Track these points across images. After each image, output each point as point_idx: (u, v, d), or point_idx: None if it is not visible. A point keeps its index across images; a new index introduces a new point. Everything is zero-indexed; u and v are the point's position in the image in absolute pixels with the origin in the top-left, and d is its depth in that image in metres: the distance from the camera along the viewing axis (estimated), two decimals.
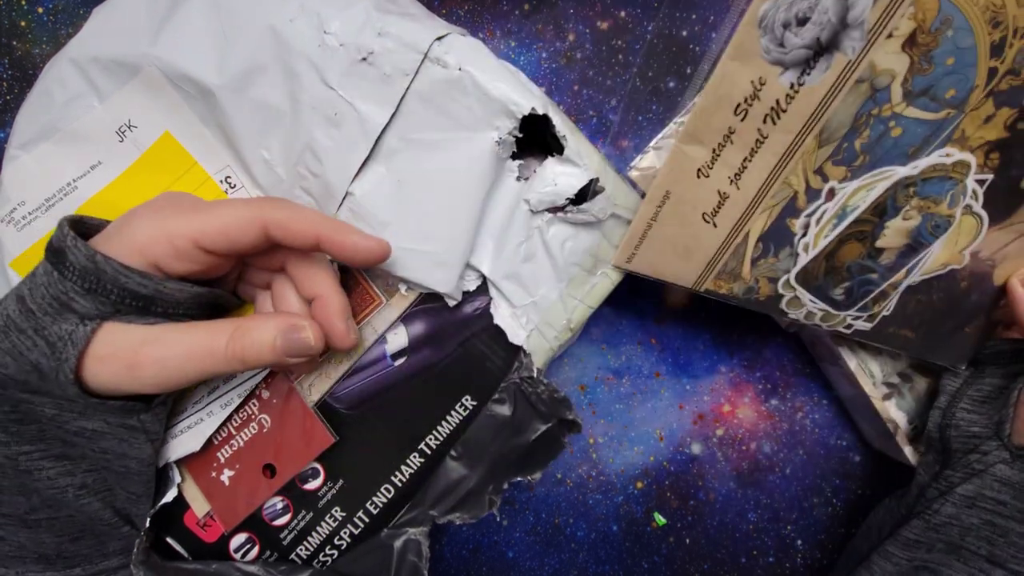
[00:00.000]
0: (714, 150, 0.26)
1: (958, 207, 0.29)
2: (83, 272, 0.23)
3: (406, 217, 0.28)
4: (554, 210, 0.29)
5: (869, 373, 0.37)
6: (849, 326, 0.32)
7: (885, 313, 0.31)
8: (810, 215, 0.28)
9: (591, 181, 0.28)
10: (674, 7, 0.37)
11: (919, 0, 0.24)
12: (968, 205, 0.29)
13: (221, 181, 0.30)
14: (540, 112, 0.27)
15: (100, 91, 0.29)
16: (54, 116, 0.29)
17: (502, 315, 0.30)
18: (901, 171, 0.28)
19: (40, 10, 0.36)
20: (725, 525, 0.40)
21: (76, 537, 0.27)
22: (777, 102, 0.25)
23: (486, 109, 0.27)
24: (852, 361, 0.36)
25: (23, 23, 0.36)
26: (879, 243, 0.30)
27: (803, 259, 0.29)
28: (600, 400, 0.40)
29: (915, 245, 0.30)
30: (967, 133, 0.27)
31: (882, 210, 0.29)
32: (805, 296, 0.31)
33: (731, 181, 0.27)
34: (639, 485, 0.40)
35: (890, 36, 0.24)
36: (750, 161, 0.26)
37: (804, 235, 0.29)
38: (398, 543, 0.30)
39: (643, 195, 0.30)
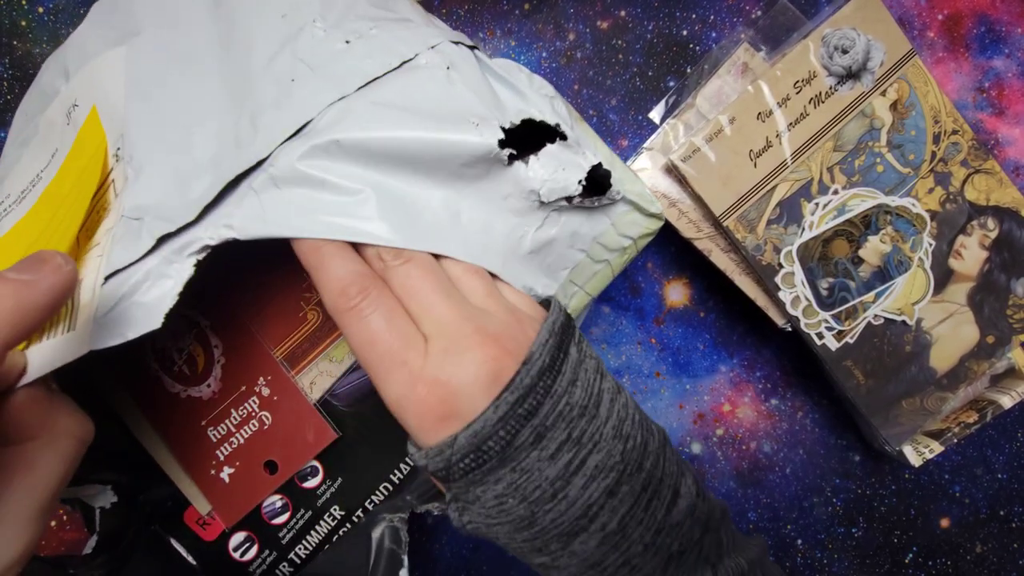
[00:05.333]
0: (778, 103, 0.34)
1: (917, 254, 0.35)
2: None
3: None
4: (568, 199, 0.28)
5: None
6: (821, 335, 0.35)
7: (849, 340, 0.36)
8: (818, 203, 0.35)
9: (597, 164, 0.27)
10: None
11: (901, 82, 0.35)
12: (921, 259, 0.36)
13: (112, 155, 0.24)
14: (531, 118, 0.25)
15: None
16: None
17: None
18: (883, 198, 0.35)
19: (40, 10, 0.36)
20: None
21: None
22: (819, 93, 0.34)
23: (464, 105, 0.24)
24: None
25: (23, 23, 0.36)
26: (861, 252, 0.35)
27: (807, 234, 0.35)
28: None
29: (884, 273, 0.35)
30: (920, 195, 0.35)
31: (867, 222, 0.35)
32: (799, 275, 0.35)
33: (777, 135, 0.34)
34: None
35: (884, 94, 0.35)
36: (792, 128, 0.34)
37: (812, 215, 0.35)
38: (376, 532, 0.30)
39: None
